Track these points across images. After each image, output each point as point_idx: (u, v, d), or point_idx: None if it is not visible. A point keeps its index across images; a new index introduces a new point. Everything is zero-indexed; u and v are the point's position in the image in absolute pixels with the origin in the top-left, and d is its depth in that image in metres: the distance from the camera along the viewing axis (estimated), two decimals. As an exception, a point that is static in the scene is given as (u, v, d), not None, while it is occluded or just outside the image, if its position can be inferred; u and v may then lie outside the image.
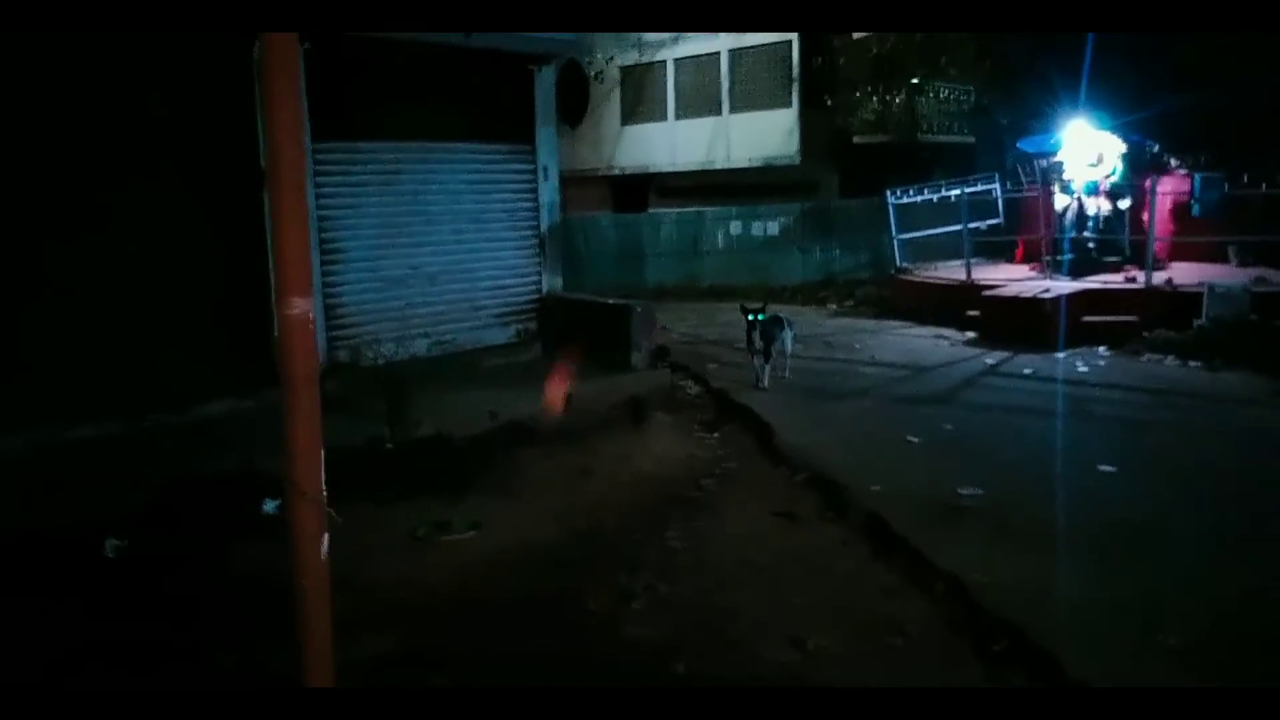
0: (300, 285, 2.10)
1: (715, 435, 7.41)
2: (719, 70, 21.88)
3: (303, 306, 2.10)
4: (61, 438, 6.63)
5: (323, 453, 2.29)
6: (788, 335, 8.78)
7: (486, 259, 9.19)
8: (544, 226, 9.61)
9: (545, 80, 9.49)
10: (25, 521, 5.18)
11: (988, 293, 10.88)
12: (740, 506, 5.66)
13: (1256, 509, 5.18)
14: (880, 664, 3.73)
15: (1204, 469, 5.88)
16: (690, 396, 8.62)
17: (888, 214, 13.89)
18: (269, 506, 5.80)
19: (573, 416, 7.64)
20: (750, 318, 8.33)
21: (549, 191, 9.61)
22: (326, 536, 2.24)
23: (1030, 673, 3.53)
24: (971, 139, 21.31)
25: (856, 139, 21.04)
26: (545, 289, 9.67)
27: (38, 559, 4.76)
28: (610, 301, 9.42)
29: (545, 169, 9.53)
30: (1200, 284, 9.79)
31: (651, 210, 21.51)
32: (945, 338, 10.83)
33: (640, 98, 23.07)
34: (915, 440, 6.69)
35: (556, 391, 7.78)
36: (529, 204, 9.50)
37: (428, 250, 8.74)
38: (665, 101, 22.76)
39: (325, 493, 2.48)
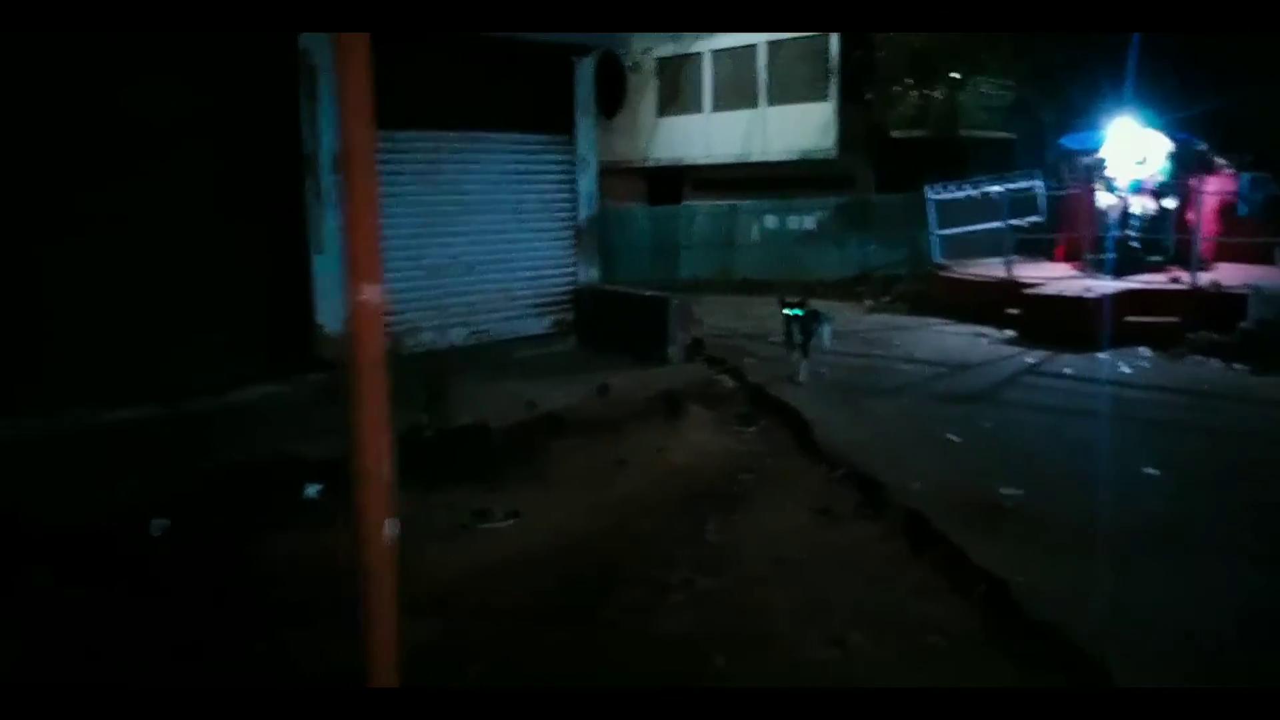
0: (371, 271, 2.11)
1: (752, 430, 7.38)
2: (756, 63, 21.76)
3: (373, 293, 2.11)
4: (101, 420, 6.74)
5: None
6: (825, 330, 8.73)
7: (524, 249, 9.22)
8: (581, 217, 9.62)
9: (585, 71, 9.49)
10: (67, 501, 5.28)
11: (1029, 290, 10.75)
12: (778, 502, 5.64)
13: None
14: (920, 663, 3.71)
15: (1249, 474, 5.79)
16: (726, 390, 8.58)
17: (925, 210, 13.75)
18: (310, 491, 5.89)
19: (609, 408, 7.66)
20: (788, 312, 8.28)
21: (587, 182, 9.61)
22: (395, 521, 2.26)
23: (1070, 676, 3.50)
24: (1011, 135, 21.04)
25: (894, 134, 20.85)
26: (582, 280, 9.68)
27: (82, 539, 4.85)
28: (647, 294, 9.41)
29: (584, 159, 9.54)
30: (1246, 286, 9.61)
31: (686, 203, 21.47)
32: (985, 335, 10.72)
33: (676, 89, 23.01)
34: (955, 438, 6.63)
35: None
36: (567, 194, 9.51)
37: (466, 240, 8.79)
38: (701, 93, 22.66)
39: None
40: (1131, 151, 11.23)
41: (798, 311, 8.29)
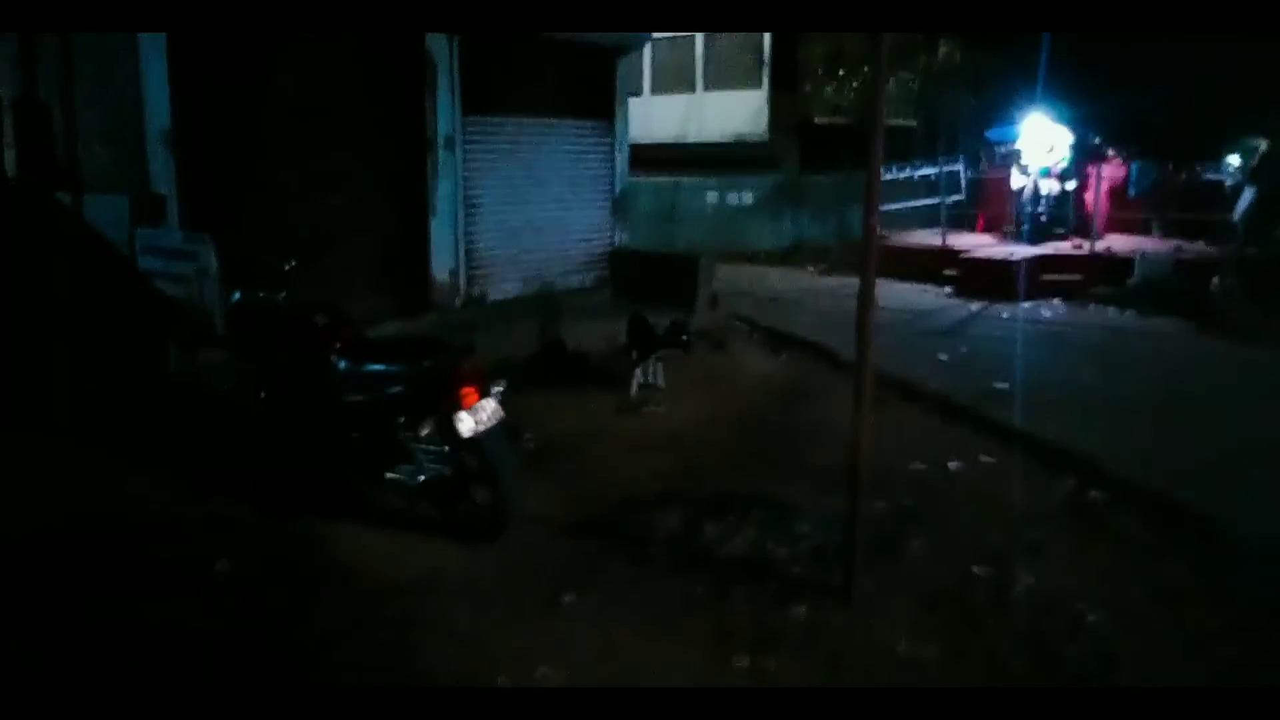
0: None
1: (783, 356, 9.61)
2: (694, 51, 23.89)
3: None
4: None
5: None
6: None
7: (577, 216, 11.19)
8: (617, 190, 11.62)
9: (623, 68, 11.47)
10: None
11: (964, 255, 13.33)
12: (837, 398, 7.85)
13: (1182, 392, 7.69)
14: (986, 472, 6.01)
15: (1142, 373, 8.44)
16: (744, 330, 10.78)
17: (850, 189, 16.18)
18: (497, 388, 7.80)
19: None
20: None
21: (622, 161, 11.63)
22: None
23: (1081, 477, 5.81)
24: (914, 123, 23.92)
25: (817, 120, 23.29)
26: (616, 242, 11.70)
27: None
28: (677, 253, 11.49)
29: (620, 141, 11.54)
30: (1133, 251, 12.40)
31: (634, 177, 23.43)
32: (929, 291, 13.22)
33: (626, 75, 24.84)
34: (944, 357, 9.03)
35: None
36: (607, 171, 11.50)
37: (536, 207, 10.71)
38: (642, 78, 24.58)
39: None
40: (1041, 142, 13.90)
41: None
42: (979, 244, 14.34)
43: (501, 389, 4.85)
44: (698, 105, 24.14)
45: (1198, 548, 4.86)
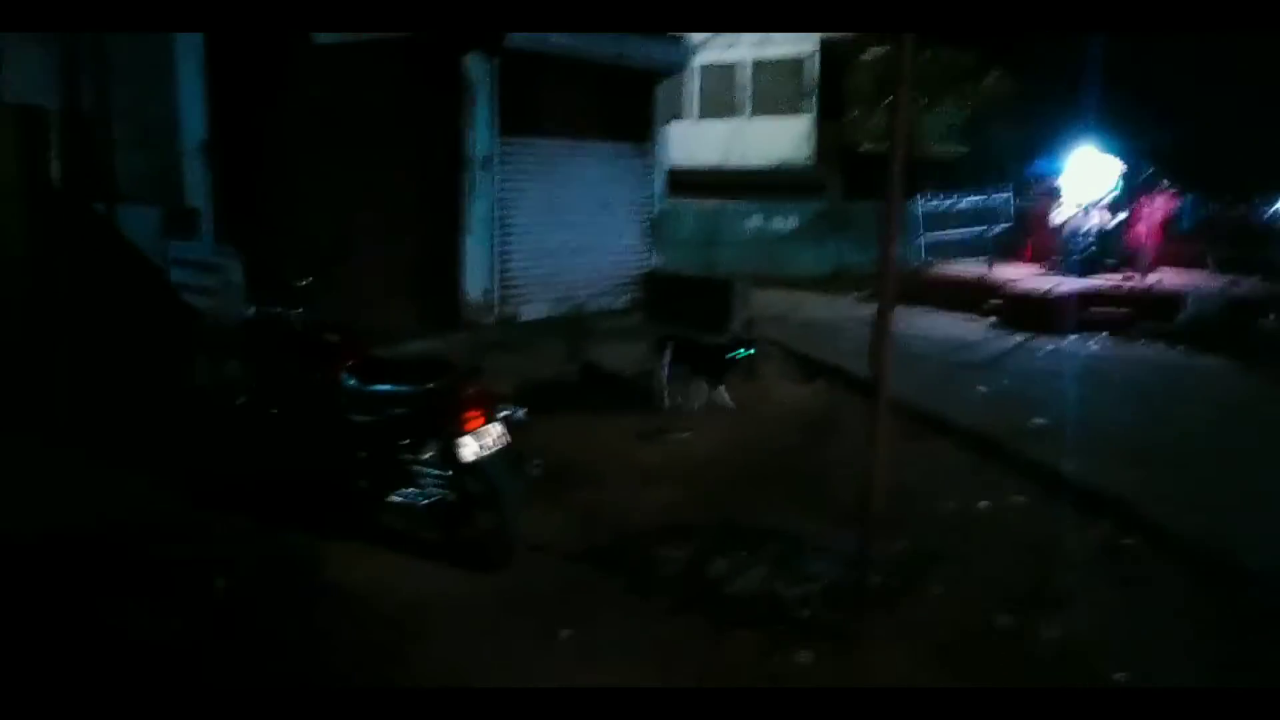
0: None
1: (816, 384, 9.41)
2: (740, 78, 23.88)
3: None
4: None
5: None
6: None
7: (613, 238, 11.12)
8: (655, 213, 11.54)
9: (661, 92, 11.41)
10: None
11: (1009, 286, 13.02)
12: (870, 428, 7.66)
13: (1229, 434, 7.36)
14: (1016, 513, 5.77)
15: (1191, 414, 8.07)
16: (778, 356, 10.58)
17: (908, 216, 15.96)
18: (518, 413, 7.70)
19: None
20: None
21: (659, 183, 11.54)
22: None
23: (1115, 521, 5.54)
24: (964, 149, 23.60)
25: (862, 148, 23.10)
26: (652, 264, 11.60)
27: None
28: (713, 276, 11.35)
29: (658, 164, 11.46)
30: (1184, 287, 12.01)
31: (673, 200, 23.41)
32: (973, 322, 12.92)
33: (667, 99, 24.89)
34: (983, 390, 8.77)
35: None
36: (644, 193, 11.42)
37: (571, 229, 10.64)
38: (691, 103, 24.59)
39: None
40: (1091, 173, 13.59)
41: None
42: (1025, 275, 14.01)
43: (509, 413, 4.75)
44: (743, 131, 24.08)
45: (1236, 602, 4.59)
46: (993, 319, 12.88)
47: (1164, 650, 4.15)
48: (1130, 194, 13.62)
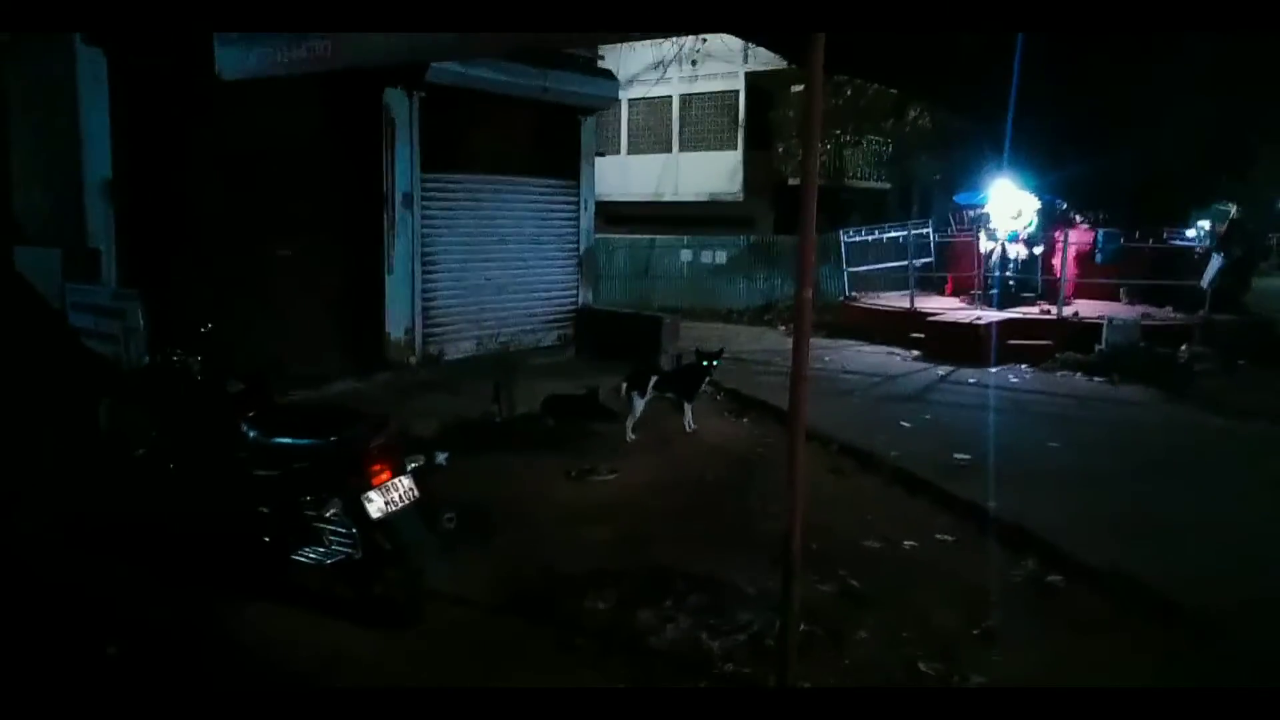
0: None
1: (745, 419, 9.37)
2: (670, 112, 24.07)
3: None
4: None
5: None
6: None
7: (540, 274, 10.98)
8: (582, 249, 11.45)
9: (588, 127, 11.37)
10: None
11: (932, 318, 13.20)
12: (795, 465, 7.62)
13: (1151, 463, 7.47)
14: (942, 552, 5.74)
15: (1110, 444, 8.21)
16: (710, 391, 10.53)
17: (824, 250, 16.13)
18: (440, 458, 7.48)
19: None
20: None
21: (586, 219, 11.46)
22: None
23: (1041, 558, 5.54)
24: (887, 185, 24.08)
25: (790, 181, 23.43)
26: (581, 301, 11.49)
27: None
28: (642, 313, 11.28)
29: (585, 200, 11.39)
30: (1101, 317, 12.30)
31: (601, 235, 23.41)
32: (896, 354, 13.07)
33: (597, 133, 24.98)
34: (907, 424, 8.81)
35: None
36: (572, 229, 11.32)
37: (497, 265, 10.48)
38: (619, 137, 24.70)
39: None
40: (1008, 207, 13.90)
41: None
42: (946, 307, 14.25)
43: (422, 461, 4.57)
44: (674, 165, 24.25)
45: (1165, 635, 4.60)
46: (916, 351, 13.05)
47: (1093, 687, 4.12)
48: (1047, 227, 13.97)
